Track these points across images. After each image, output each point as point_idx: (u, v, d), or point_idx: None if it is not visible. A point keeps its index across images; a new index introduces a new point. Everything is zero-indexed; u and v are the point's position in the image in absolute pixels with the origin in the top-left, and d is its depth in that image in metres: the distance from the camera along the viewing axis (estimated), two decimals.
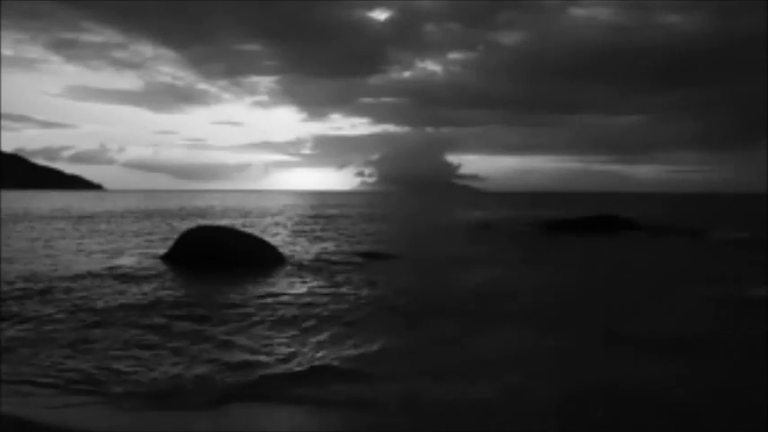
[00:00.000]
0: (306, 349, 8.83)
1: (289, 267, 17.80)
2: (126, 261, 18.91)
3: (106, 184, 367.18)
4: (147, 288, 13.95)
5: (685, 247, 25.45)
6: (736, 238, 28.87)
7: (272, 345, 9.07)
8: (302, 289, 14.10)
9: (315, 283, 14.94)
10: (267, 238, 23.26)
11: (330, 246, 24.64)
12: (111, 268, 17.08)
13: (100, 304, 11.99)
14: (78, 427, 6.14)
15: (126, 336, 9.57)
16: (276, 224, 40.08)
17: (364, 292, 13.71)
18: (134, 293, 13.29)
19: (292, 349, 8.80)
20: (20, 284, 14.12)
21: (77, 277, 15.43)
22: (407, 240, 28.47)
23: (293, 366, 8.00)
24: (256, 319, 10.83)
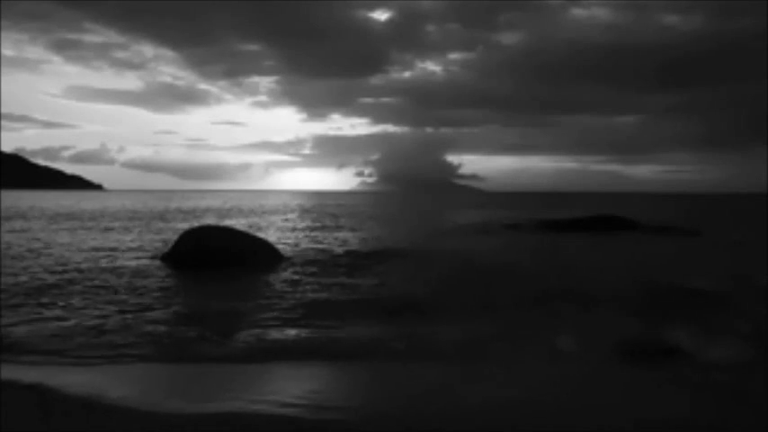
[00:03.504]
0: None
1: (288, 266, 17.93)
2: (126, 261, 19.05)
3: (106, 184, 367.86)
4: (146, 288, 14.10)
5: (679, 247, 25.55)
6: (732, 239, 28.96)
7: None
8: (296, 288, 14.21)
9: (311, 282, 15.05)
10: (267, 238, 23.41)
11: (328, 245, 24.76)
12: (110, 269, 17.24)
13: (96, 304, 12.13)
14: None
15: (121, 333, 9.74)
16: (275, 223, 40.20)
17: (357, 294, 13.51)
18: (130, 292, 13.44)
19: None
20: (21, 283, 14.30)
21: (76, 276, 15.61)
22: (407, 241, 28.55)
23: None
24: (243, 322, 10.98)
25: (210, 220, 40.81)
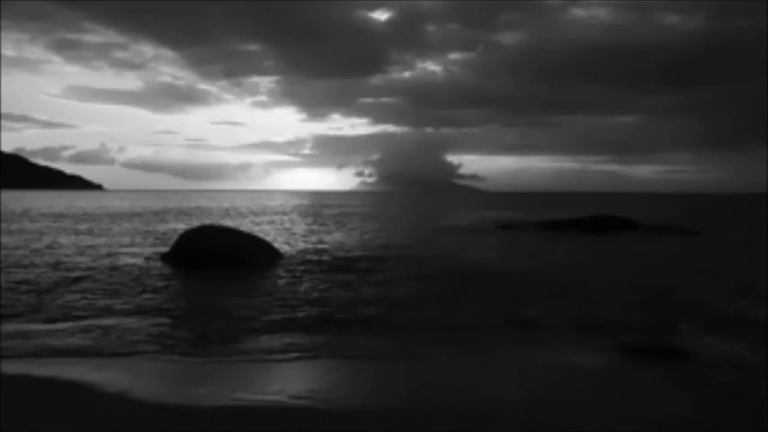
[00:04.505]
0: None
1: (288, 266, 17.93)
2: (127, 261, 19.08)
3: (106, 184, 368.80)
4: (148, 287, 14.12)
5: (679, 247, 25.57)
6: (732, 239, 28.99)
7: None
8: (296, 288, 14.23)
9: (311, 282, 15.07)
10: (266, 238, 23.43)
11: (328, 246, 24.77)
12: (112, 268, 17.27)
13: (100, 303, 12.16)
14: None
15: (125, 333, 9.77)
16: (276, 223, 40.23)
17: (357, 294, 13.40)
18: (133, 292, 13.47)
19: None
20: (24, 283, 14.34)
21: (79, 276, 15.64)
22: (407, 241, 28.58)
23: None
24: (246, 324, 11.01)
25: (210, 220, 40.84)
